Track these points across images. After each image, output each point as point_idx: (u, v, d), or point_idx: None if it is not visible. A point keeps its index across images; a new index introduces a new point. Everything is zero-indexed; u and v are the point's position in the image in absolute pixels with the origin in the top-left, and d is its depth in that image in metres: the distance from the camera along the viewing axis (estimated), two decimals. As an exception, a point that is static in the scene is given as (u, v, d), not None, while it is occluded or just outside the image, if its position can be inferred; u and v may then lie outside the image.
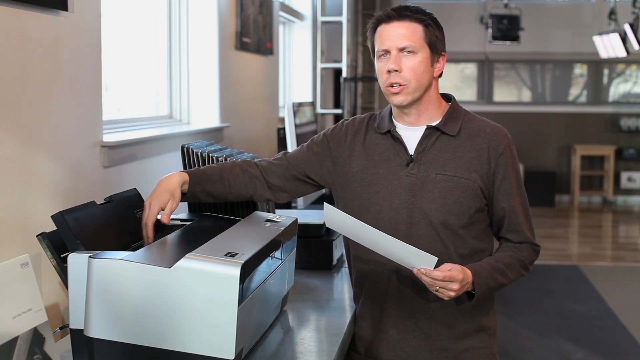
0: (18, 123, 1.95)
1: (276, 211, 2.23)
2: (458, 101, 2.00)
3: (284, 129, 3.81)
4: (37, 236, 1.70)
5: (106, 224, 1.79)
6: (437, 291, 1.75)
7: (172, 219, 2.03)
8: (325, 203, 1.74)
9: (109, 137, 2.58)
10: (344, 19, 6.76)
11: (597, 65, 10.33)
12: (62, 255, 1.70)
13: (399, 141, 1.93)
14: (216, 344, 1.52)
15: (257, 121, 4.68)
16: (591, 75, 10.51)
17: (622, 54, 8.08)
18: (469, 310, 1.92)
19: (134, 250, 1.62)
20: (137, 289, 1.52)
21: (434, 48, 1.89)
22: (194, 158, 2.11)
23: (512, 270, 1.89)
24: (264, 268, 1.71)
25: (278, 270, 1.84)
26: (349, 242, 2.02)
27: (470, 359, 1.94)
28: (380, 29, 1.89)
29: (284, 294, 2.02)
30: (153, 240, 1.79)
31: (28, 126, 2.00)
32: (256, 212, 2.03)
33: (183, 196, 1.93)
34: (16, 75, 1.94)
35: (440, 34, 1.90)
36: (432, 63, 1.89)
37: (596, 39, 8.57)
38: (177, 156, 2.79)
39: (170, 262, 1.52)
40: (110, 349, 1.55)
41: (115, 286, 1.53)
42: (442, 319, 1.91)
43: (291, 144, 3.30)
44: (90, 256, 1.55)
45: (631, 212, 9.74)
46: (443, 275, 1.72)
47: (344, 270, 2.55)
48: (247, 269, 1.54)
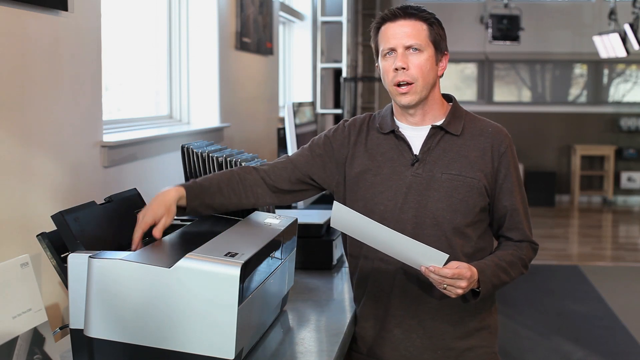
0: (18, 123, 1.95)
1: (276, 211, 2.23)
2: (458, 101, 2.00)
3: (284, 129, 3.80)
4: (37, 236, 1.70)
5: (106, 224, 1.79)
6: (444, 289, 1.75)
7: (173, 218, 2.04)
8: (335, 202, 1.74)
9: (109, 137, 2.58)
10: (344, 19, 6.76)
11: (597, 65, 10.33)
12: (62, 255, 1.70)
13: (403, 141, 1.92)
14: (216, 344, 1.52)
15: (257, 121, 4.68)
16: (591, 75, 10.50)
17: (622, 54, 8.08)
18: (472, 309, 1.92)
19: (134, 250, 1.62)
20: (137, 289, 1.52)
21: (438, 47, 1.90)
22: (194, 158, 2.11)
23: (514, 269, 1.90)
24: (264, 268, 1.71)
25: (278, 270, 1.84)
26: (348, 243, 2.02)
27: (472, 357, 1.95)
28: (385, 27, 1.89)
29: (284, 294, 2.02)
30: (138, 248, 1.71)
31: (28, 126, 2.00)
32: (256, 212, 2.03)
33: (182, 211, 1.89)
34: (16, 75, 1.94)
35: (443, 33, 1.92)
36: (436, 62, 1.90)
37: (596, 39, 8.57)
38: (177, 156, 2.79)
39: (170, 262, 1.52)
40: (110, 349, 1.55)
41: (115, 286, 1.53)
42: (445, 318, 1.91)
43: (291, 144, 3.30)
44: (90, 256, 1.55)
45: (631, 212, 9.74)
46: (452, 273, 1.71)
47: (344, 270, 2.55)
48: (247, 269, 1.54)
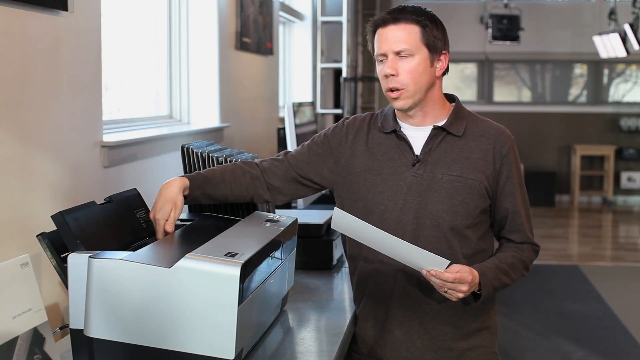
0: (18, 123, 1.95)
1: (276, 211, 2.23)
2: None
3: (284, 129, 3.80)
4: (37, 236, 1.70)
5: (106, 224, 1.79)
6: (445, 292, 1.75)
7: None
8: (335, 207, 1.74)
9: (109, 137, 2.58)
10: (344, 19, 6.76)
11: (597, 65, 10.33)
12: (62, 255, 1.70)
13: (404, 141, 1.92)
14: (216, 344, 1.52)
15: (257, 121, 4.68)
16: (591, 75, 10.50)
17: (622, 54, 8.07)
18: (472, 310, 1.92)
19: (134, 250, 1.62)
20: (137, 289, 1.52)
21: (433, 48, 1.87)
22: (194, 158, 2.11)
23: (515, 271, 1.90)
24: (264, 268, 1.71)
25: (278, 270, 1.84)
26: (348, 245, 2.02)
27: (473, 357, 1.95)
28: (378, 32, 1.89)
29: (284, 294, 2.02)
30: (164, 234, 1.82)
31: (28, 126, 2.00)
32: (256, 212, 2.03)
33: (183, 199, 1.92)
34: (16, 75, 1.94)
35: (439, 32, 1.88)
36: (432, 63, 1.87)
37: (596, 39, 8.56)
38: (177, 156, 2.79)
39: (170, 262, 1.52)
40: (110, 349, 1.55)
41: (115, 286, 1.53)
42: (447, 318, 1.91)
43: (291, 144, 3.30)
44: (90, 256, 1.55)
45: (631, 212, 9.74)
46: (453, 277, 1.72)
47: (344, 270, 2.55)
48: (247, 269, 1.54)
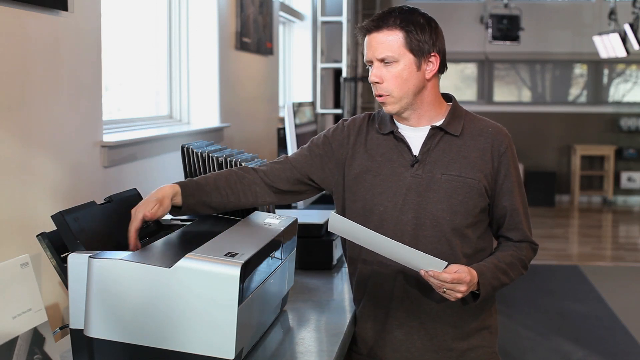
0: (18, 123, 1.95)
1: (276, 211, 2.23)
2: (458, 101, 1.99)
3: (284, 129, 3.81)
4: (37, 236, 1.70)
5: (106, 224, 1.79)
6: (444, 292, 1.75)
7: (172, 219, 2.03)
8: (332, 212, 1.75)
9: (109, 137, 2.58)
10: (344, 19, 6.76)
11: (597, 65, 10.32)
12: (62, 255, 1.70)
13: (402, 142, 1.92)
14: (216, 344, 1.52)
15: (257, 121, 4.67)
16: (591, 75, 10.50)
17: (622, 54, 8.07)
18: (472, 310, 1.92)
19: (133, 249, 1.62)
20: (137, 289, 1.52)
21: (418, 52, 1.84)
22: (194, 158, 2.11)
23: (514, 270, 1.90)
24: (264, 268, 1.71)
25: (278, 270, 1.84)
26: (347, 246, 2.02)
27: (473, 357, 1.95)
28: (366, 38, 1.89)
29: (284, 294, 2.02)
30: (136, 248, 1.72)
31: (28, 126, 2.00)
32: (256, 212, 2.03)
33: (178, 210, 1.88)
34: (16, 75, 1.94)
35: (425, 35, 1.84)
36: (418, 67, 1.85)
37: (596, 39, 8.56)
38: (177, 156, 2.79)
39: (170, 262, 1.52)
40: (110, 349, 1.55)
41: (115, 286, 1.53)
42: (447, 318, 1.91)
43: (291, 144, 3.30)
44: (90, 256, 1.55)
45: (631, 212, 9.74)
46: (451, 278, 1.72)
47: (344, 270, 2.54)
48: (247, 269, 1.54)
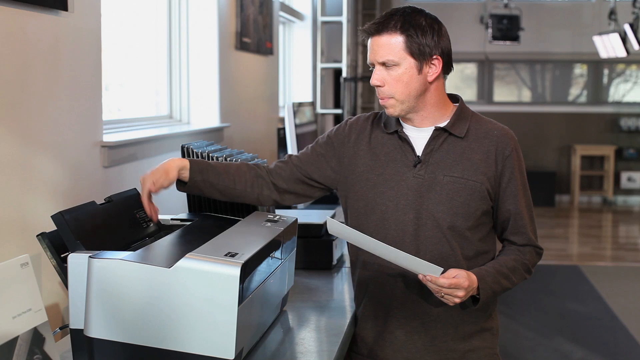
0: (18, 123, 1.95)
1: (276, 211, 2.23)
2: (461, 102, 1.99)
3: (284, 129, 3.80)
4: (37, 236, 1.70)
5: (106, 224, 1.79)
6: (442, 297, 1.75)
7: (172, 219, 2.04)
8: (328, 218, 1.75)
9: (109, 137, 2.58)
10: (344, 19, 6.76)
11: (597, 65, 10.33)
12: (62, 255, 1.70)
13: (406, 142, 1.91)
14: (216, 344, 1.52)
15: (257, 121, 4.67)
16: (591, 75, 10.50)
17: (622, 54, 8.07)
18: (474, 311, 1.92)
19: (134, 250, 1.62)
20: (137, 289, 1.52)
21: (419, 56, 1.83)
22: (193, 158, 2.11)
23: (516, 275, 1.89)
24: (264, 268, 1.71)
25: (278, 270, 1.84)
26: (349, 245, 2.02)
27: (474, 359, 1.94)
28: (368, 41, 1.89)
29: (284, 294, 2.02)
30: (156, 214, 1.90)
31: (28, 126, 2.00)
32: (256, 212, 2.03)
33: (184, 185, 1.93)
34: (16, 75, 1.94)
35: (427, 38, 1.83)
36: (420, 70, 1.84)
37: (596, 39, 8.56)
38: (177, 156, 2.79)
39: (170, 262, 1.52)
40: (110, 349, 1.55)
41: (115, 286, 1.53)
42: (448, 320, 1.91)
43: (291, 144, 3.30)
44: (90, 256, 1.55)
45: (631, 212, 9.74)
46: (449, 283, 1.72)
47: (344, 270, 2.55)
48: (247, 269, 1.54)
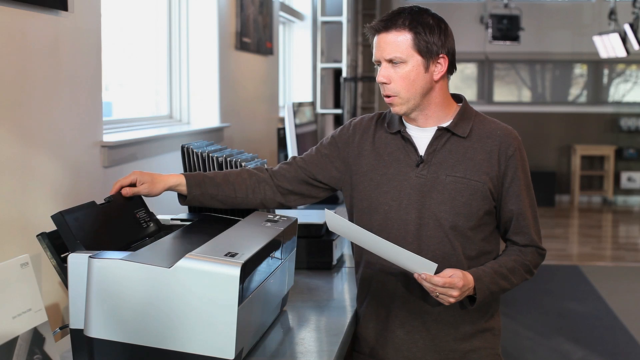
0: (18, 123, 1.95)
1: (276, 211, 2.23)
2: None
3: (284, 129, 3.81)
4: (37, 236, 1.70)
5: (106, 224, 1.79)
6: (437, 296, 1.76)
7: (172, 218, 2.04)
8: (325, 209, 1.75)
9: (109, 137, 2.58)
10: (344, 19, 6.76)
11: (597, 65, 10.33)
12: (62, 255, 1.70)
13: (409, 142, 1.92)
14: (216, 344, 1.52)
15: (257, 121, 4.67)
16: (591, 75, 10.50)
17: (622, 54, 8.07)
18: (475, 312, 1.92)
19: (134, 250, 1.62)
20: (137, 289, 1.52)
21: (427, 54, 1.83)
22: (194, 158, 2.11)
23: (516, 275, 1.89)
24: (264, 268, 1.71)
25: (278, 270, 1.84)
26: (352, 244, 2.02)
27: (476, 359, 1.94)
28: (374, 38, 1.89)
29: (284, 294, 2.02)
30: (112, 194, 1.89)
31: (28, 126, 1.99)
32: (256, 212, 2.03)
33: (184, 199, 1.96)
34: (16, 75, 1.94)
35: (434, 37, 1.83)
36: (426, 69, 1.84)
37: (596, 39, 8.56)
38: (177, 156, 2.79)
39: (170, 262, 1.52)
40: (110, 349, 1.55)
41: (115, 286, 1.53)
42: (449, 319, 1.91)
43: (291, 144, 3.30)
44: (90, 256, 1.55)
45: (631, 212, 9.74)
46: (443, 282, 1.72)
47: (344, 270, 2.55)
48: (247, 269, 1.54)
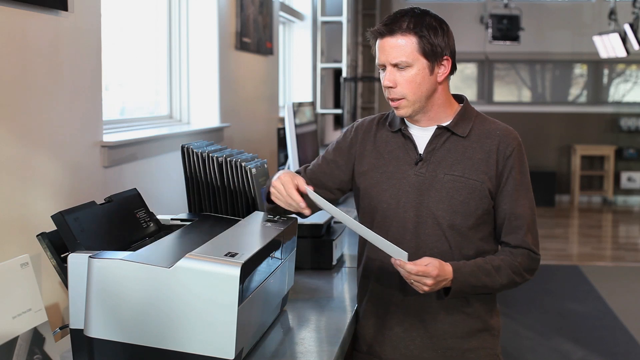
0: (18, 123, 1.95)
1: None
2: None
3: (284, 129, 3.81)
4: (37, 236, 1.70)
5: (106, 224, 1.79)
6: (412, 284, 1.77)
7: (172, 218, 2.04)
8: (308, 189, 1.81)
9: (109, 137, 2.58)
10: (344, 19, 6.76)
11: (597, 65, 10.33)
12: (62, 255, 1.70)
13: (409, 140, 1.93)
14: (216, 344, 1.52)
15: (257, 121, 4.67)
16: (591, 75, 10.50)
17: (622, 54, 8.08)
18: (473, 311, 1.92)
19: (134, 250, 1.62)
20: (137, 289, 1.52)
21: (432, 56, 1.84)
22: (194, 158, 2.11)
23: (501, 274, 1.85)
24: (264, 268, 1.71)
25: (278, 270, 1.84)
26: (358, 242, 2.06)
27: (474, 358, 1.94)
28: (377, 42, 1.88)
29: (284, 294, 2.02)
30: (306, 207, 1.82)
31: (28, 126, 2.00)
32: (256, 212, 2.03)
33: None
34: (16, 75, 1.94)
35: (438, 38, 1.84)
36: (431, 71, 1.85)
37: (596, 39, 8.57)
38: (177, 156, 2.79)
39: (170, 262, 1.52)
40: (110, 349, 1.55)
41: (115, 286, 1.53)
42: (447, 318, 1.91)
43: (291, 144, 3.30)
44: (90, 256, 1.55)
45: (631, 212, 9.74)
46: (417, 270, 1.73)
47: (344, 270, 2.55)
48: (247, 269, 1.54)
